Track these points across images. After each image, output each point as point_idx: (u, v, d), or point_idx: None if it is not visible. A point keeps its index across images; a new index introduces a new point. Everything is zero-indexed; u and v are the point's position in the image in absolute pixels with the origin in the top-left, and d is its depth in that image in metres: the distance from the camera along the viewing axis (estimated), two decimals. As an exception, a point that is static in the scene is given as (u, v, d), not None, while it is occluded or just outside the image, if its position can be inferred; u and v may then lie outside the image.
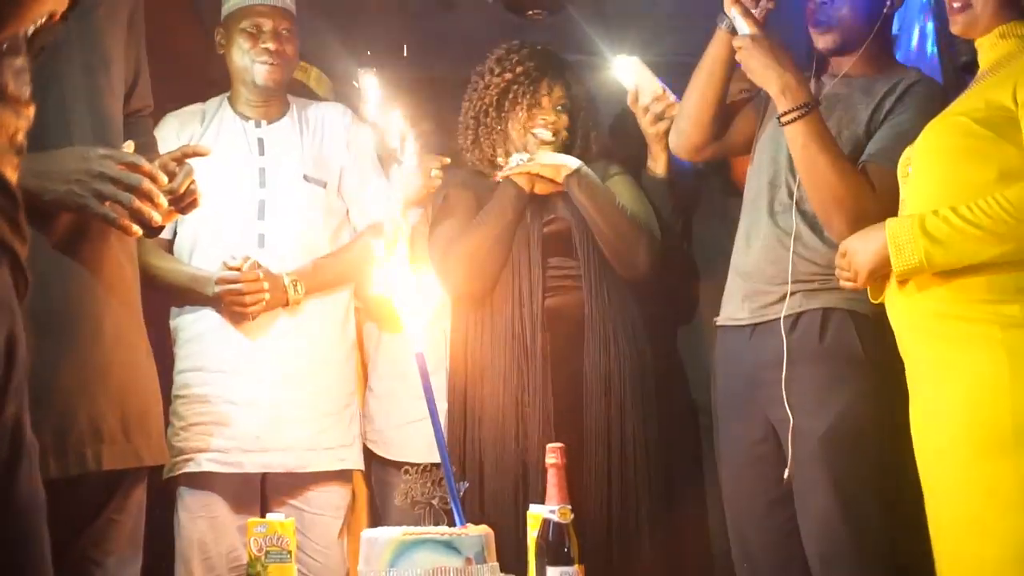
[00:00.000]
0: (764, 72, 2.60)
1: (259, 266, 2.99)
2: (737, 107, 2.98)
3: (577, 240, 3.10)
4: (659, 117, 3.12)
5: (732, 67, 2.80)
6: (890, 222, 2.28)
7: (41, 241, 1.96)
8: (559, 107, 3.20)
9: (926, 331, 2.27)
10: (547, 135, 3.17)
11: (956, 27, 2.41)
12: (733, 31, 2.72)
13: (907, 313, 2.31)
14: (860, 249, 2.34)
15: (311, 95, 3.63)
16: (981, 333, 2.18)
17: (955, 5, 2.38)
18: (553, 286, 3.09)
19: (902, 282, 2.30)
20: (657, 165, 3.20)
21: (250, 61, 3.10)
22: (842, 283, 2.45)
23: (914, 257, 2.21)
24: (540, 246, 3.09)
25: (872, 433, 2.57)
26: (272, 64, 3.09)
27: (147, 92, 2.36)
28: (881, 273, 2.33)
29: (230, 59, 3.15)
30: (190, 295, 3.02)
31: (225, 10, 3.16)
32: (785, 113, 2.58)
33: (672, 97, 3.07)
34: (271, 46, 3.09)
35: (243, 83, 3.15)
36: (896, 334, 2.36)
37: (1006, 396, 2.13)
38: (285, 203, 3.10)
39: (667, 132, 3.07)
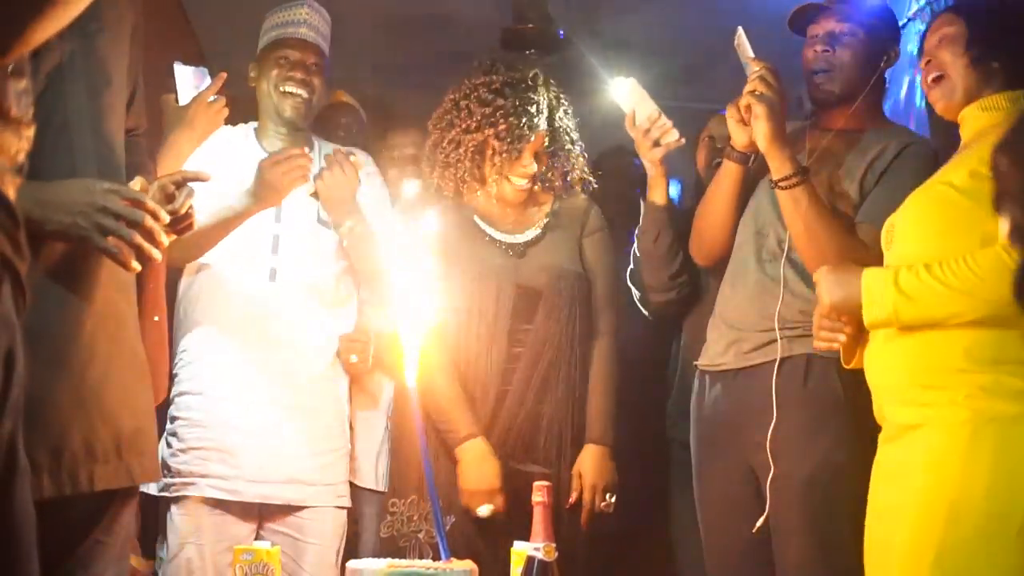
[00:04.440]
0: (772, 139, 2.64)
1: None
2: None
3: (547, 298, 3.10)
4: (656, 143, 3.04)
5: (745, 184, 2.88)
6: (867, 272, 2.29)
7: (34, 263, 1.97)
8: (537, 152, 3.12)
9: (903, 400, 2.27)
10: (522, 183, 3.13)
11: (937, 105, 2.44)
12: (740, 160, 2.83)
13: (885, 384, 2.32)
14: (831, 283, 2.35)
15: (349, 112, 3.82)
16: (948, 399, 2.17)
17: (930, 78, 2.42)
18: (518, 338, 3.08)
19: (880, 353, 2.31)
20: (656, 194, 3.11)
21: (276, 90, 3.16)
22: (816, 343, 2.45)
23: (884, 309, 2.22)
24: (511, 308, 3.08)
25: (853, 479, 2.56)
26: (297, 93, 3.15)
27: (142, 111, 2.38)
28: (842, 312, 2.34)
29: (259, 90, 3.21)
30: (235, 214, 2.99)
31: (260, 46, 3.23)
32: (786, 178, 2.63)
33: (666, 121, 3.02)
34: (297, 75, 3.15)
35: (269, 116, 3.21)
36: (874, 401, 2.36)
37: (959, 466, 2.12)
38: (299, 241, 3.15)
39: (662, 159, 3.05)
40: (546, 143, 3.13)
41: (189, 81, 3.03)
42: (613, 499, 3.06)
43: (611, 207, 3.41)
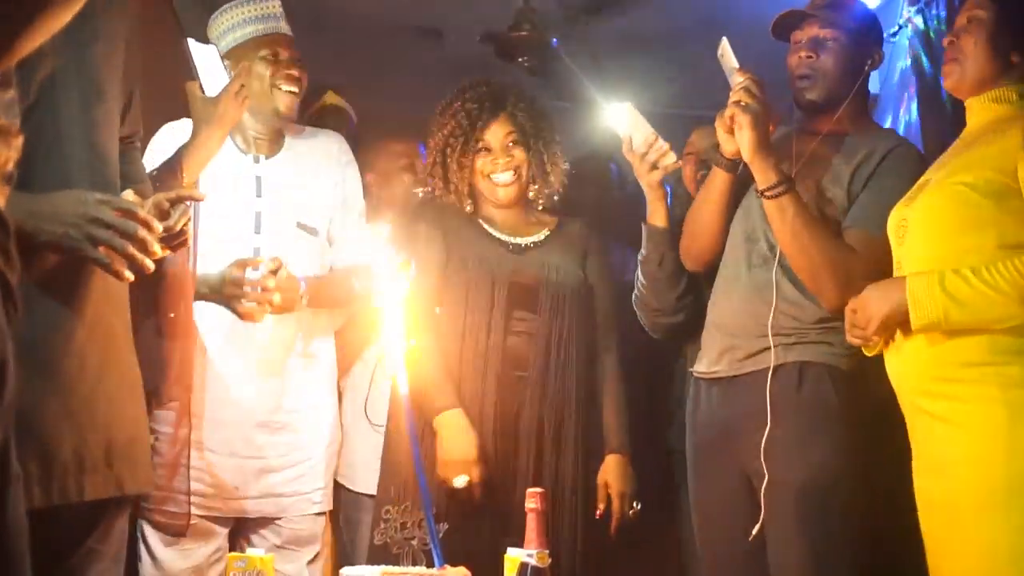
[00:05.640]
0: (756, 148, 2.65)
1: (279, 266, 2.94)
2: None
3: (543, 295, 3.12)
4: (653, 166, 3.00)
5: (734, 190, 2.88)
6: (910, 277, 2.31)
7: (25, 274, 1.97)
8: (510, 143, 3.17)
9: (926, 392, 2.30)
10: (505, 178, 3.17)
11: (947, 80, 2.48)
12: (729, 168, 2.82)
13: (907, 374, 2.34)
14: (877, 298, 2.36)
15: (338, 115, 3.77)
16: (981, 393, 2.21)
17: (948, 55, 2.45)
18: (514, 331, 3.10)
19: (902, 343, 2.32)
20: (656, 217, 3.06)
21: (272, 89, 3.06)
22: (850, 338, 2.46)
23: (932, 313, 2.24)
24: (506, 297, 3.10)
25: (847, 487, 2.60)
26: (296, 92, 3.08)
27: (138, 118, 2.36)
28: (892, 325, 2.35)
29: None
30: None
31: (232, 40, 3.08)
32: (771, 187, 2.64)
33: (663, 144, 3.00)
34: (294, 73, 3.08)
35: (254, 114, 3.06)
36: (897, 393, 2.38)
37: (1003, 454, 2.16)
38: (278, 251, 3.04)
39: (662, 182, 3.04)
40: (516, 136, 3.18)
41: (207, 63, 2.94)
42: (639, 506, 3.12)
43: (588, 212, 3.42)
